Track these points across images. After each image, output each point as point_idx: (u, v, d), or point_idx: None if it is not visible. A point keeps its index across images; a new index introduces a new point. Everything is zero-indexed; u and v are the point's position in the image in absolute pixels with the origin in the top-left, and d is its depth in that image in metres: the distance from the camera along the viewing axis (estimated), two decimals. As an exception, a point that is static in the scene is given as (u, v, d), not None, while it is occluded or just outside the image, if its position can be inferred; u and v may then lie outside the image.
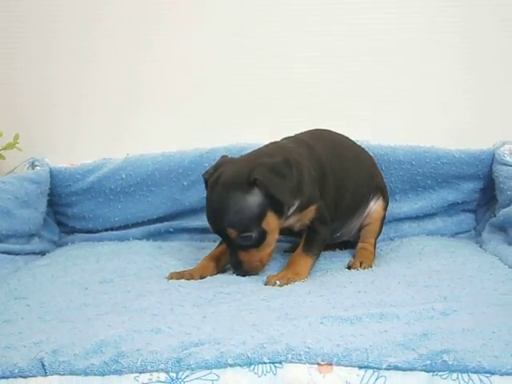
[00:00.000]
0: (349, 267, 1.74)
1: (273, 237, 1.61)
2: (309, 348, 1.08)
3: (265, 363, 1.08)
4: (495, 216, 2.00)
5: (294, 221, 1.69)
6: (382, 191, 1.94)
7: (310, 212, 1.67)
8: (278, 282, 1.55)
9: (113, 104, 2.21)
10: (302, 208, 1.66)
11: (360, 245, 1.88)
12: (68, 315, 1.34)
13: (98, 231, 2.11)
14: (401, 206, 2.12)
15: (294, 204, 1.62)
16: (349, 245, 1.97)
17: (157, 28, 2.20)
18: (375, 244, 1.90)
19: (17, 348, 1.13)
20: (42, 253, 1.97)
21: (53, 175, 2.05)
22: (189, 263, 1.79)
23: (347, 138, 1.96)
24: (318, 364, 1.07)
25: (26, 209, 1.91)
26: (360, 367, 1.06)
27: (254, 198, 1.54)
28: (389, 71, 2.21)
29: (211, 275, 1.66)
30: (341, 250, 1.98)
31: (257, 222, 1.55)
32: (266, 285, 1.56)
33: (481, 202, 2.14)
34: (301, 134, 1.86)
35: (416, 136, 2.12)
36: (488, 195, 2.11)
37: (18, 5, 2.19)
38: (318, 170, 1.70)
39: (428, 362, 1.06)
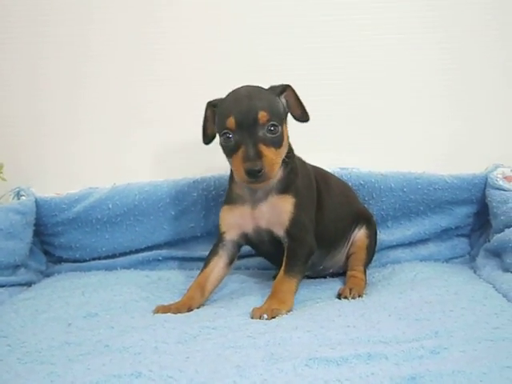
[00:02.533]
0: (339, 295, 1.71)
1: (285, 146, 1.65)
2: (292, 395, 1.04)
3: (246, 411, 1.04)
4: (489, 241, 1.97)
5: (271, 207, 1.67)
6: (365, 220, 1.92)
7: (287, 202, 1.67)
8: (265, 316, 1.52)
9: (99, 133, 2.18)
10: (279, 190, 1.67)
11: (349, 273, 1.86)
12: (48, 356, 1.31)
13: (85, 261, 2.08)
14: (393, 233, 2.10)
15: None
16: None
17: (145, 52, 2.18)
18: (365, 271, 1.87)
19: (-9, 396, 1.10)
20: (28, 284, 1.94)
21: (38, 205, 2.02)
22: (176, 294, 1.77)
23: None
24: (301, 412, 1.03)
25: (11, 240, 1.88)
26: (344, 414, 1.03)
27: (281, 101, 1.66)
28: (377, 98, 2.18)
29: (198, 306, 1.65)
30: (331, 277, 1.95)
31: (282, 119, 1.63)
32: (252, 318, 1.53)
33: (475, 226, 2.11)
34: None
35: (407, 162, 2.09)
36: (482, 219, 2.08)
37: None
38: (306, 179, 1.73)
39: (415, 409, 1.02)
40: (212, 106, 1.69)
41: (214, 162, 2.03)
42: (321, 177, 1.85)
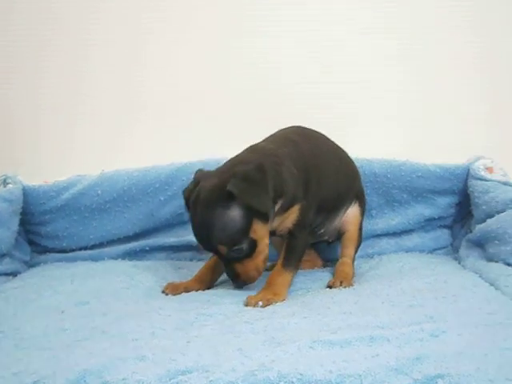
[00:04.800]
0: (329, 286, 1.72)
1: (264, 243, 1.59)
2: (301, 375, 1.05)
3: (256, 391, 1.04)
4: (471, 232, 1.99)
5: (279, 222, 1.67)
6: (359, 197, 1.94)
7: (293, 213, 1.66)
8: (260, 303, 1.53)
9: (86, 121, 2.16)
10: (285, 208, 1.64)
11: (339, 261, 1.87)
12: (45, 342, 1.30)
13: (71, 250, 2.05)
14: (377, 223, 2.12)
15: (273, 208, 1.59)
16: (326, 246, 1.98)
17: (135, 50, 2.19)
18: (354, 260, 1.89)
19: (-5, 379, 1.09)
20: (14, 274, 1.91)
21: (26, 193, 1.99)
22: (166, 283, 1.75)
23: (327, 137, 1.94)
24: (311, 392, 1.03)
25: (-1, 228, 1.84)
26: (353, 394, 1.03)
27: (235, 212, 1.52)
28: (364, 85, 2.21)
29: (208, 288, 1.70)
30: (320, 267, 1.97)
31: (244, 233, 1.54)
32: (246, 306, 1.54)
33: (457, 217, 2.13)
34: (285, 129, 1.85)
35: (393, 150, 2.12)
36: (464, 211, 2.10)
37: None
38: (303, 166, 1.69)
39: (423, 388, 1.03)
40: (183, 196, 1.66)
41: (202, 148, 2.05)
42: (317, 148, 1.83)
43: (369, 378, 1.05)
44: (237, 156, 1.68)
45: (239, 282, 1.62)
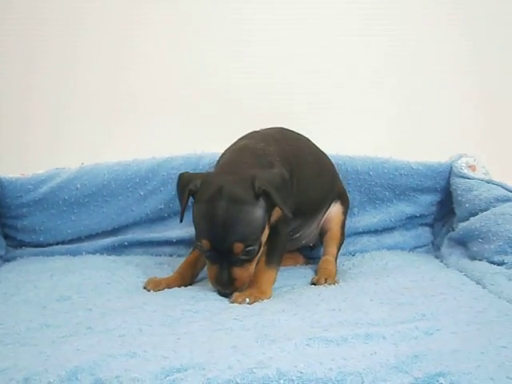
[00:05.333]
0: (313, 283, 1.70)
1: (262, 247, 1.58)
2: (301, 373, 1.02)
3: (255, 390, 1.01)
4: (453, 230, 1.99)
5: None
6: (340, 196, 1.93)
7: (277, 212, 1.62)
8: (247, 300, 1.50)
9: (66, 111, 2.12)
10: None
11: (322, 258, 1.86)
12: (29, 338, 1.25)
13: (48, 245, 2.00)
14: (359, 220, 2.10)
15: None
16: (308, 250, 1.96)
17: (121, 42, 2.16)
18: (336, 258, 1.87)
19: (-18, 376, 1.04)
20: (-12, 268, 1.85)
21: (2, 186, 1.93)
22: (146, 278, 1.71)
23: (308, 139, 1.93)
24: (310, 390, 1.01)
25: (-26, 221, 1.79)
26: (355, 392, 1.02)
27: (260, 211, 1.52)
28: (349, 83, 2.21)
29: (189, 284, 1.67)
30: (302, 265, 1.95)
31: (260, 234, 1.53)
32: (232, 302, 1.51)
33: (438, 215, 2.13)
34: (268, 129, 1.83)
35: (374, 148, 2.11)
36: (445, 209, 2.10)
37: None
38: (286, 166, 1.67)
39: (424, 386, 1.02)
40: (190, 191, 1.56)
41: (183, 143, 2.02)
42: (299, 150, 1.82)
43: (369, 375, 1.03)
44: (237, 156, 1.65)
45: (231, 289, 1.54)
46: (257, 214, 1.51)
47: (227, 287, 1.54)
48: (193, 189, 1.54)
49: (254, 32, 2.18)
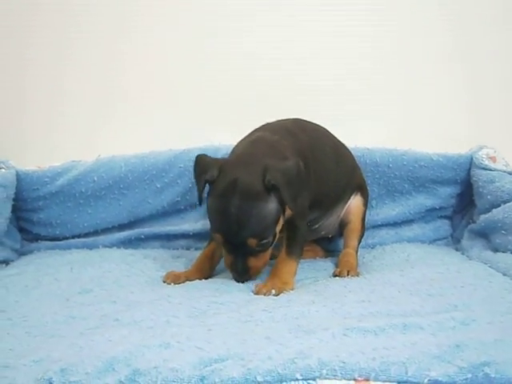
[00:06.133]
0: (335, 275, 1.68)
1: (277, 237, 1.57)
2: (344, 363, 1.00)
3: (297, 380, 0.99)
4: (474, 222, 1.97)
5: None
6: (361, 188, 1.90)
7: None
8: (273, 291, 1.48)
9: (84, 104, 2.11)
10: None
11: (343, 251, 1.83)
12: (56, 330, 1.24)
13: (64, 238, 1.97)
14: (378, 213, 2.07)
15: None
16: (327, 241, 1.94)
17: (131, 29, 2.12)
18: (357, 251, 1.85)
19: (16, 367, 1.02)
20: (6, 262, 1.82)
21: (19, 178, 1.90)
22: (165, 271, 1.68)
23: (327, 130, 1.90)
24: (355, 380, 0.99)
25: (-9, 214, 1.76)
26: (399, 382, 0.99)
27: (273, 205, 1.50)
28: (366, 75, 2.17)
29: (207, 277, 1.64)
30: (321, 257, 1.92)
31: (274, 227, 1.52)
32: (256, 294, 1.49)
33: (457, 208, 2.10)
34: (284, 121, 1.80)
35: (393, 140, 2.08)
36: (464, 201, 2.07)
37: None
38: (302, 159, 1.63)
39: (469, 376, 0.99)
40: (206, 182, 1.54)
41: (200, 135, 2.01)
42: (316, 142, 1.78)
43: (413, 365, 1.00)
44: (251, 146, 1.63)
45: (246, 277, 1.56)
46: (270, 207, 1.50)
47: (242, 275, 1.55)
48: (209, 179, 1.53)
49: (274, 21, 2.14)
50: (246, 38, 2.14)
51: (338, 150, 1.89)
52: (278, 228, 1.54)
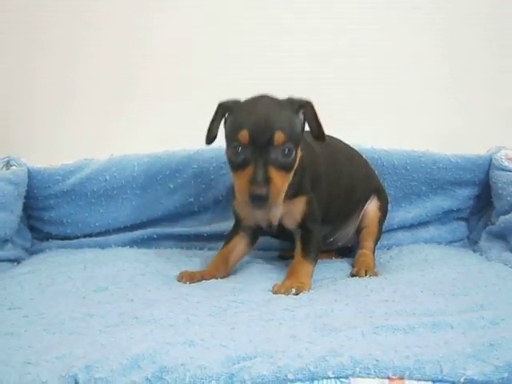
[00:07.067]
0: (353, 275, 1.65)
1: (292, 173, 1.52)
2: (377, 360, 0.97)
3: (329, 378, 0.96)
4: (492, 223, 1.94)
5: (285, 210, 1.59)
6: (377, 192, 1.87)
7: (300, 203, 1.59)
8: (293, 290, 1.45)
9: (97, 102, 2.09)
10: (291, 196, 1.56)
11: (359, 252, 1.80)
12: (74, 327, 1.21)
13: (75, 237, 1.94)
14: (394, 216, 2.02)
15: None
16: (346, 251, 1.89)
17: (144, 26, 2.10)
18: (374, 251, 1.82)
19: (39, 363, 0.99)
20: (17, 260, 1.79)
21: (31, 176, 1.87)
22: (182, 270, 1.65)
23: (340, 140, 1.87)
24: (389, 378, 0.96)
25: (3, 211, 1.73)
26: (434, 381, 0.96)
27: (299, 119, 1.52)
28: (383, 76, 2.15)
29: (222, 277, 1.61)
30: (337, 258, 1.89)
31: (298, 140, 1.51)
32: (275, 293, 1.46)
33: (474, 209, 2.07)
34: None
35: (409, 141, 2.05)
36: (481, 203, 2.05)
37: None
38: (313, 168, 1.63)
39: (506, 375, 0.96)
40: (224, 108, 1.54)
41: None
42: (330, 155, 1.75)
43: (448, 364, 0.97)
44: None
45: (264, 189, 1.41)
46: (296, 120, 1.51)
47: (262, 187, 1.41)
48: (224, 103, 1.54)
49: (288, 21, 2.12)
50: (263, 37, 2.12)
51: (351, 161, 1.85)
52: (297, 156, 1.50)
